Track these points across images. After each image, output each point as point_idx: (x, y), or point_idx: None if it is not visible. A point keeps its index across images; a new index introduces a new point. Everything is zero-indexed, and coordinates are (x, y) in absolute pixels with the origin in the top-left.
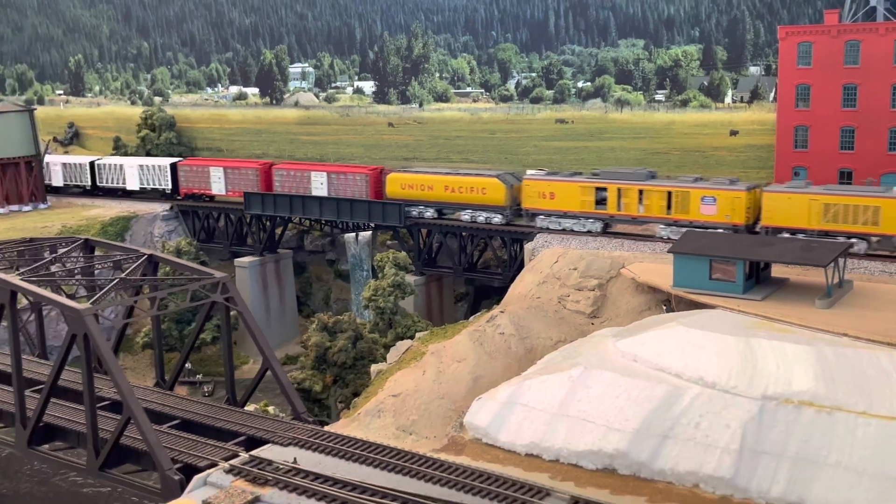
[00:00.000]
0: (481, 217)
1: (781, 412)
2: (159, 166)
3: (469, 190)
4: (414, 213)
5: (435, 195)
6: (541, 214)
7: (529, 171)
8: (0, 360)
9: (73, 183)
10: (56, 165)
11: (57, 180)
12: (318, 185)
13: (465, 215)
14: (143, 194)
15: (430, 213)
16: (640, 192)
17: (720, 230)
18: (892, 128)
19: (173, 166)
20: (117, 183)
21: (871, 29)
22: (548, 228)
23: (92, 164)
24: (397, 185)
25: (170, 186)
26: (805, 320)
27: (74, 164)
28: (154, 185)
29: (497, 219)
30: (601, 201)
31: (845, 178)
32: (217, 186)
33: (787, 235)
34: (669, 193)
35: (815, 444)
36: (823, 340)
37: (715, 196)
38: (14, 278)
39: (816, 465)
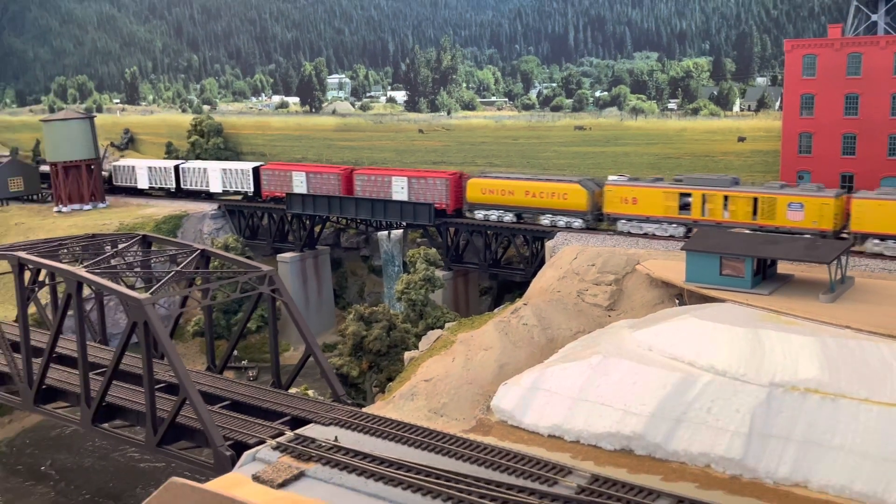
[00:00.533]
0: (561, 221)
1: (788, 398)
2: (242, 170)
3: (550, 195)
4: (493, 216)
5: (515, 200)
6: (622, 219)
7: (611, 177)
8: (67, 346)
9: (158, 185)
10: (142, 169)
11: (142, 182)
12: (399, 189)
13: (545, 219)
14: (226, 196)
15: (509, 217)
16: (726, 197)
17: (807, 235)
18: (891, 134)
19: (256, 170)
20: (201, 186)
21: (873, 42)
22: (629, 233)
23: (177, 167)
24: (478, 189)
25: (252, 189)
26: (809, 313)
27: (160, 168)
28: (237, 188)
29: (577, 223)
30: (685, 206)
31: (847, 181)
32: (299, 190)
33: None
34: (755, 199)
35: (820, 428)
36: (827, 332)
37: (802, 202)
38: (80, 270)
39: (821, 448)
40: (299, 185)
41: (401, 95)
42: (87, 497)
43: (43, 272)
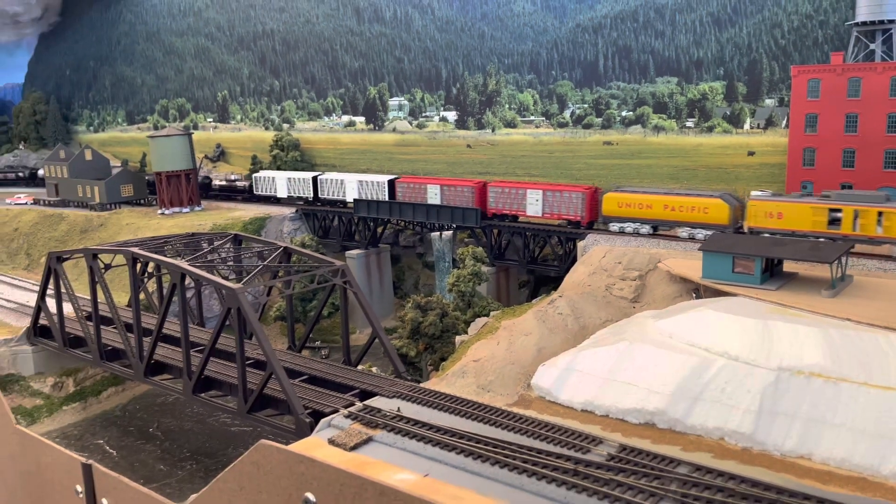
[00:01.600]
0: (700, 234)
1: (794, 381)
2: (378, 182)
3: (690, 209)
4: (629, 229)
5: (653, 213)
6: (765, 233)
7: (755, 193)
8: (171, 328)
9: (297, 195)
10: (281, 179)
11: (282, 192)
12: (534, 201)
13: (683, 232)
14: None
15: (645, 229)
16: (880, 213)
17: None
18: (887, 149)
19: (391, 182)
20: (337, 195)
21: (871, 68)
22: None
23: (315, 178)
24: (614, 203)
25: (386, 197)
26: (813, 307)
27: (299, 179)
28: (372, 197)
29: None
30: (834, 221)
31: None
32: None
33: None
34: None
35: (823, 408)
36: (829, 324)
37: None
38: (183, 263)
39: (824, 425)
40: (433, 196)
41: (452, 115)
42: (187, 454)
43: (151, 265)
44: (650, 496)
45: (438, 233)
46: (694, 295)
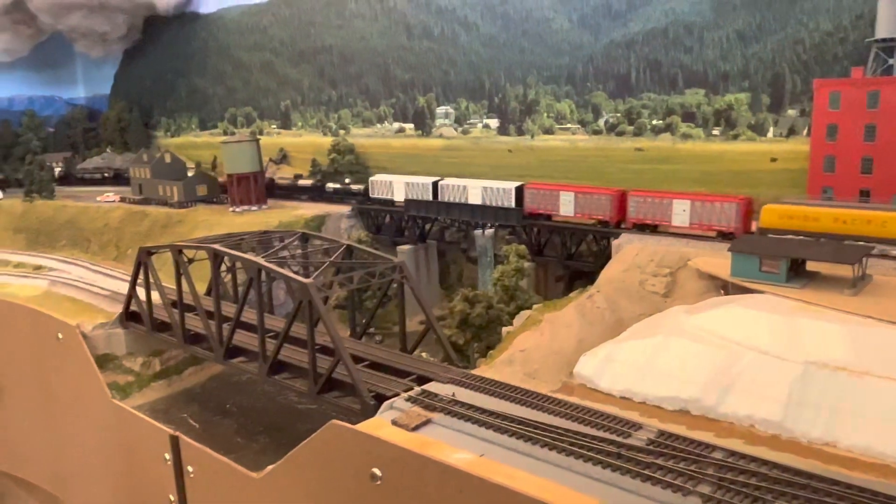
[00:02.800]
0: (875, 249)
1: (820, 374)
2: (504, 189)
3: (866, 223)
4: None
5: (820, 226)
6: None
7: None
8: (247, 317)
9: (414, 198)
10: (399, 184)
11: (399, 196)
12: (680, 212)
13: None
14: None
15: None
16: None
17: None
18: None
19: (519, 189)
20: (459, 200)
21: (889, 82)
22: None
23: (435, 183)
24: (775, 215)
25: (513, 206)
26: (837, 305)
27: (418, 184)
28: (497, 204)
29: None
30: None
31: (865, 196)
32: (566, 209)
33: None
34: None
35: (848, 399)
36: (852, 321)
37: None
38: (259, 259)
39: (848, 415)
40: (566, 204)
41: (494, 123)
42: (260, 429)
43: (229, 259)
44: (689, 479)
45: (481, 230)
46: (722, 292)
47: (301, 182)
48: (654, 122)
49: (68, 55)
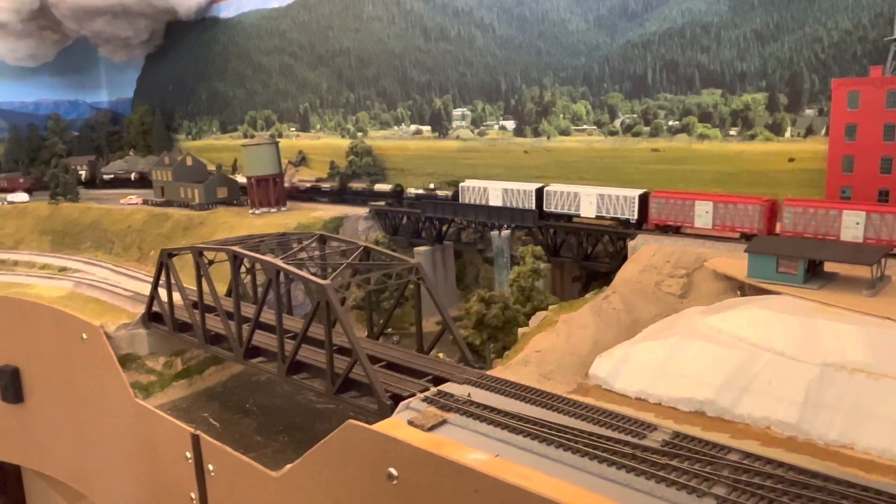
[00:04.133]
0: None
1: (837, 376)
2: (625, 196)
3: None
4: None
5: None
6: None
7: None
8: (265, 317)
9: (515, 206)
10: (496, 190)
11: (494, 202)
12: (853, 224)
13: None
14: (599, 220)
15: None
16: None
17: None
18: None
19: (643, 197)
20: (569, 209)
21: None
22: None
23: (539, 190)
24: None
25: (635, 216)
26: (854, 306)
27: (517, 190)
28: (615, 213)
29: None
30: None
31: (884, 196)
32: (702, 220)
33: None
34: None
35: (865, 401)
36: (870, 322)
37: None
38: (278, 261)
39: (866, 417)
40: (703, 214)
41: (510, 124)
42: (280, 428)
43: (247, 261)
44: (704, 480)
45: (498, 231)
46: (739, 293)
47: (324, 187)
48: (671, 122)
49: (92, 60)
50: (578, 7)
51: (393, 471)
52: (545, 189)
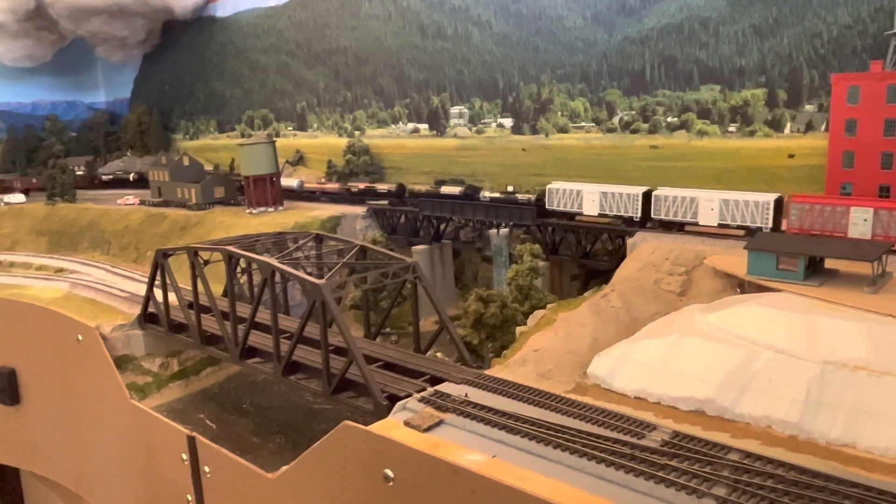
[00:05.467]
0: None
1: (839, 374)
2: (757, 202)
3: None
4: None
5: None
6: None
7: None
8: (261, 317)
9: (613, 213)
10: (592, 194)
11: (589, 209)
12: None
13: None
14: (721, 231)
15: None
16: None
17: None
18: None
19: (778, 202)
20: (684, 216)
21: None
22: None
23: (647, 194)
24: None
25: (770, 224)
26: (855, 303)
27: (618, 194)
28: (745, 222)
29: None
30: None
31: (884, 192)
32: (859, 229)
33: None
34: None
35: (867, 399)
36: (872, 319)
37: None
38: (273, 260)
39: (867, 416)
40: (860, 223)
41: (508, 122)
42: (276, 429)
43: (243, 261)
44: (704, 481)
45: (496, 230)
46: (738, 290)
47: (327, 187)
48: (669, 119)
49: (89, 60)
50: (576, 3)
51: (389, 472)
52: (654, 193)
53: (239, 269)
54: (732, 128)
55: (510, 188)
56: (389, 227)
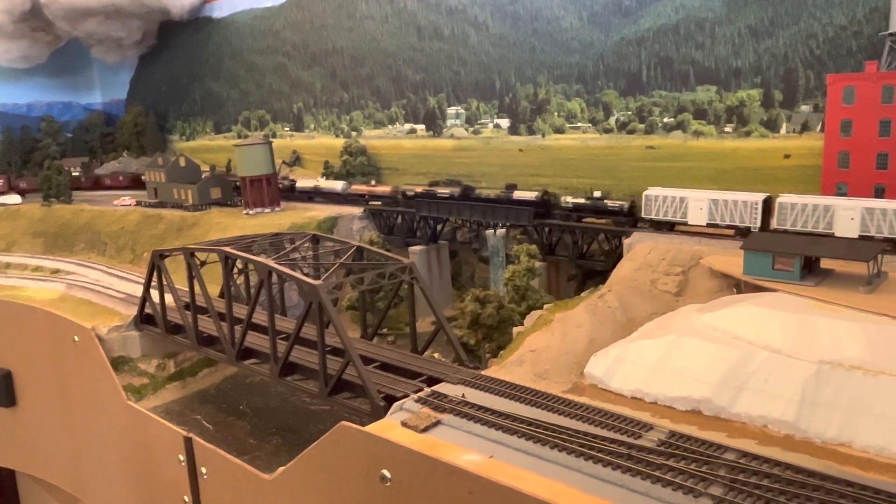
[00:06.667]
0: None
1: (834, 373)
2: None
3: None
4: None
5: None
6: None
7: None
8: (257, 317)
9: (725, 223)
10: (699, 201)
11: (695, 217)
12: None
13: None
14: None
15: None
16: None
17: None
18: None
19: (766, 201)
20: (814, 227)
21: None
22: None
23: (766, 201)
24: None
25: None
26: (851, 303)
27: (732, 202)
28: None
29: None
30: None
31: (880, 192)
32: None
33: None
34: None
35: (863, 399)
36: (868, 319)
37: None
38: (269, 261)
39: (863, 415)
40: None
41: (505, 122)
42: (273, 430)
43: (241, 261)
44: (700, 480)
45: (493, 230)
46: (735, 290)
47: (377, 190)
48: (666, 119)
49: (85, 61)
50: (572, 4)
51: (386, 472)
52: (780, 201)
53: (235, 270)
54: (728, 128)
55: (597, 193)
56: (386, 228)
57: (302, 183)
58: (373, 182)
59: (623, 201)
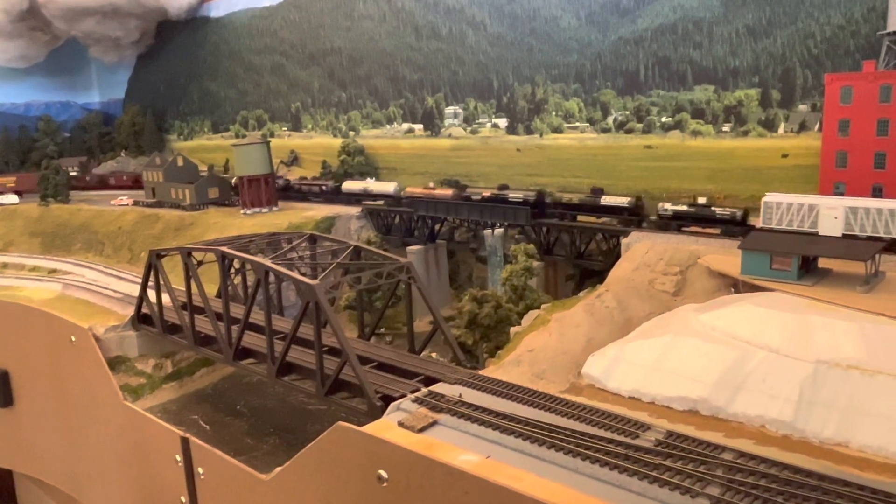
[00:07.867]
0: None
1: (832, 373)
2: None
3: None
4: None
5: None
6: None
7: None
8: (254, 317)
9: (867, 234)
10: (835, 210)
11: (828, 228)
12: None
13: None
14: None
15: None
16: None
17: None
18: None
19: None
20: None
21: None
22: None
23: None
24: None
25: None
26: (849, 302)
27: (875, 210)
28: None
29: None
30: None
31: (877, 192)
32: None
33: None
34: None
35: (860, 398)
36: (865, 318)
37: None
38: (266, 261)
39: (861, 415)
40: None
41: (502, 122)
42: (270, 430)
43: (238, 261)
44: (698, 480)
45: (490, 230)
46: (732, 290)
47: (436, 193)
48: (663, 119)
49: (83, 61)
50: (570, 4)
51: (383, 473)
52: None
53: (233, 270)
54: (726, 128)
55: (701, 200)
56: (384, 228)
57: (348, 185)
58: (431, 185)
59: (736, 209)
